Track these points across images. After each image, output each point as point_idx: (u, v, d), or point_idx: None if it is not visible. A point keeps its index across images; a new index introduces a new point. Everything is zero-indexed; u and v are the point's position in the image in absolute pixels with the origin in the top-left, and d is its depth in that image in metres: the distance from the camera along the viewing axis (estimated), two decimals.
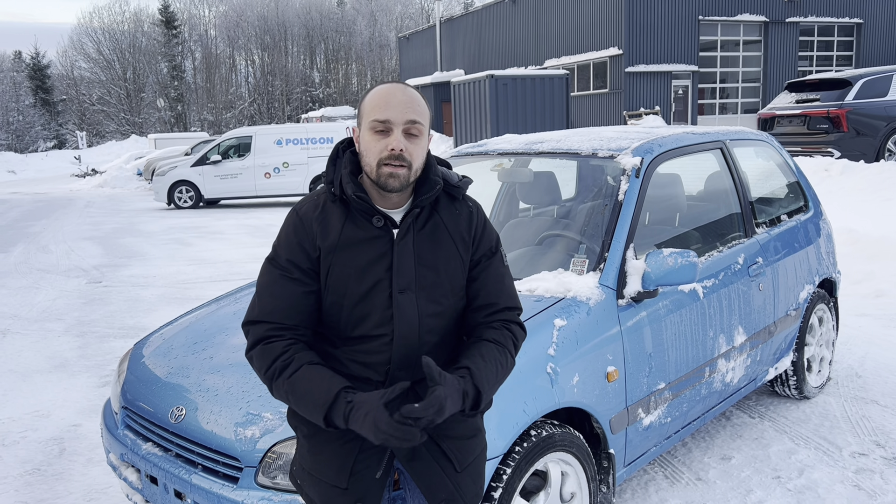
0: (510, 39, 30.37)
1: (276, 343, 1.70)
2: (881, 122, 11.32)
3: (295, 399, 1.66)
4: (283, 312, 1.72)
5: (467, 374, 1.67)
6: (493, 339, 1.76)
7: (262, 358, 1.70)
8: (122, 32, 55.74)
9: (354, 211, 1.73)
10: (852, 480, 3.21)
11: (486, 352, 1.73)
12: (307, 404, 1.64)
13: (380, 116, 1.67)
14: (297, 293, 1.73)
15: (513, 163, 3.70)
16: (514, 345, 1.80)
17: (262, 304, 1.74)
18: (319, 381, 1.64)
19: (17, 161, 37.81)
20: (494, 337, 1.77)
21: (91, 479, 3.47)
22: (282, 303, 1.72)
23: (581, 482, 2.55)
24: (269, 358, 1.69)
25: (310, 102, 58.69)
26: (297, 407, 1.67)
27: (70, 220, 14.83)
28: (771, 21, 25.98)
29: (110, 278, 8.51)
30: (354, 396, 1.61)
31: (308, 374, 1.65)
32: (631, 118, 22.80)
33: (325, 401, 1.61)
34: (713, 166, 3.78)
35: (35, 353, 5.57)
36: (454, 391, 1.61)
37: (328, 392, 1.61)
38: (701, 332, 3.10)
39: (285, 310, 1.72)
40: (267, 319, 1.73)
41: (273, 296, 1.73)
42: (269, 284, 1.75)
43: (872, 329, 5.33)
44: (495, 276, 1.82)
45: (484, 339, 1.76)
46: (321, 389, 1.62)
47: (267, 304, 1.73)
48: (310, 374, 1.65)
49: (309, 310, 1.74)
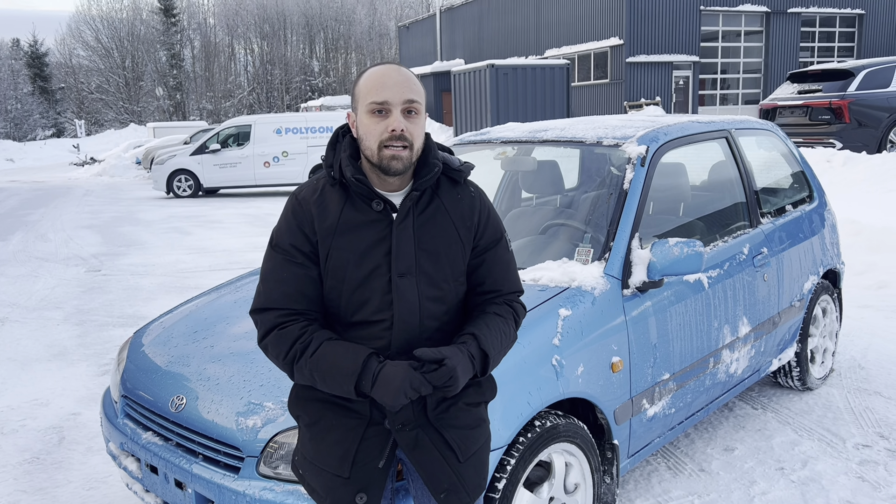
0: (511, 29, 30.24)
1: (291, 327, 1.69)
2: (883, 114, 11.29)
3: (321, 375, 1.65)
4: (291, 297, 1.70)
5: (471, 339, 1.69)
6: (495, 311, 1.79)
7: (278, 344, 1.68)
8: (121, 20, 55.43)
9: (353, 195, 1.71)
10: (856, 472, 3.20)
11: (489, 321, 1.75)
12: (334, 378, 1.63)
13: (377, 98, 1.65)
14: (301, 277, 1.71)
15: (516, 151, 3.66)
16: (514, 319, 1.82)
17: (269, 290, 1.72)
18: (344, 353, 1.64)
19: (16, 149, 37.71)
20: (496, 310, 1.79)
21: (90, 468, 3.45)
22: (289, 287, 1.71)
23: (585, 473, 2.53)
24: (287, 342, 1.68)
25: (309, 91, 58.48)
26: (323, 383, 1.66)
27: (69, 209, 14.79)
28: (772, 11, 25.87)
29: (109, 267, 8.48)
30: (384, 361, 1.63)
31: (331, 349, 1.65)
32: (632, 109, 22.74)
33: (354, 370, 1.61)
34: (718, 155, 3.75)
35: (34, 341, 5.55)
36: (460, 359, 1.63)
37: (355, 362, 1.62)
38: (706, 322, 3.07)
39: (293, 294, 1.71)
40: (276, 306, 1.71)
41: (279, 281, 1.71)
42: (273, 270, 1.73)
43: (875, 320, 5.31)
44: (501, 264, 1.82)
45: (486, 312, 1.78)
46: (348, 360, 1.62)
47: (273, 291, 1.71)
48: (332, 348, 1.65)
49: (315, 294, 1.73)
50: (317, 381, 1.67)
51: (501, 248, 1.83)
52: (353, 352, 1.64)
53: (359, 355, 1.63)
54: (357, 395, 1.64)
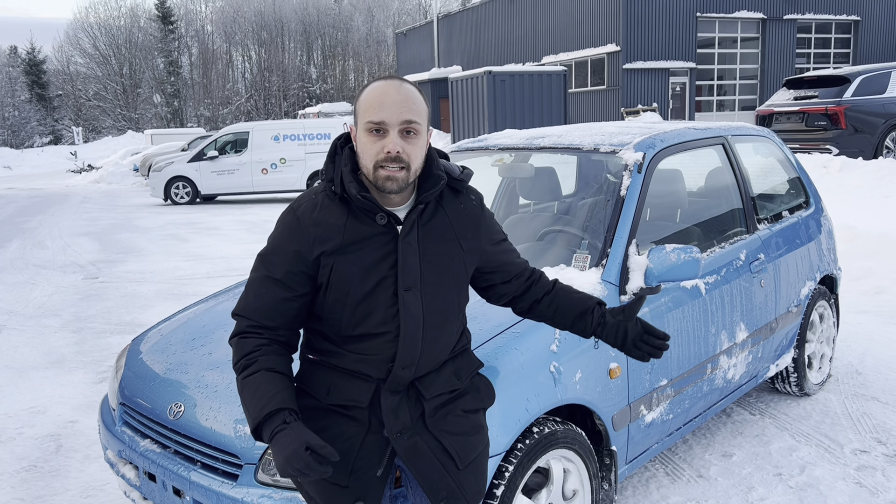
0: (508, 36, 30.31)
1: (249, 340, 1.71)
2: (879, 119, 11.33)
3: (241, 400, 1.67)
4: (263, 313, 1.72)
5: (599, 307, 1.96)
6: (558, 285, 1.99)
7: (234, 352, 1.73)
8: (119, 28, 55.52)
9: (356, 209, 1.70)
10: (854, 478, 3.20)
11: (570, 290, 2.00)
12: (246, 410, 1.65)
13: (374, 118, 1.63)
14: (279, 298, 1.71)
15: (513, 158, 3.67)
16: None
17: (247, 300, 1.75)
18: (262, 394, 1.62)
19: (13, 156, 37.69)
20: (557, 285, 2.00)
21: (88, 475, 3.44)
22: (263, 304, 1.72)
23: (583, 479, 2.53)
24: (238, 353, 1.71)
25: (307, 98, 58.56)
26: (243, 407, 1.68)
27: (66, 216, 14.77)
28: (769, 18, 25.95)
29: (107, 274, 8.47)
30: (291, 423, 1.58)
31: (258, 382, 1.64)
32: (628, 115, 22.78)
33: (257, 416, 1.60)
34: (715, 162, 3.76)
35: (31, 348, 5.54)
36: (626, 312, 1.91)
37: (261, 410, 1.60)
38: (703, 328, 3.08)
39: (265, 311, 1.72)
40: (247, 315, 1.74)
41: (256, 295, 1.74)
42: (255, 282, 1.75)
43: (872, 326, 5.32)
44: (513, 252, 1.94)
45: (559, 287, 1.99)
46: (259, 403, 1.61)
47: (251, 302, 1.74)
48: (260, 382, 1.64)
49: (291, 314, 1.73)
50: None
51: (506, 240, 1.95)
52: (269, 398, 1.61)
53: (269, 405, 1.60)
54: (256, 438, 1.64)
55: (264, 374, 1.66)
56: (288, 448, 1.53)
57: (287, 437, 1.55)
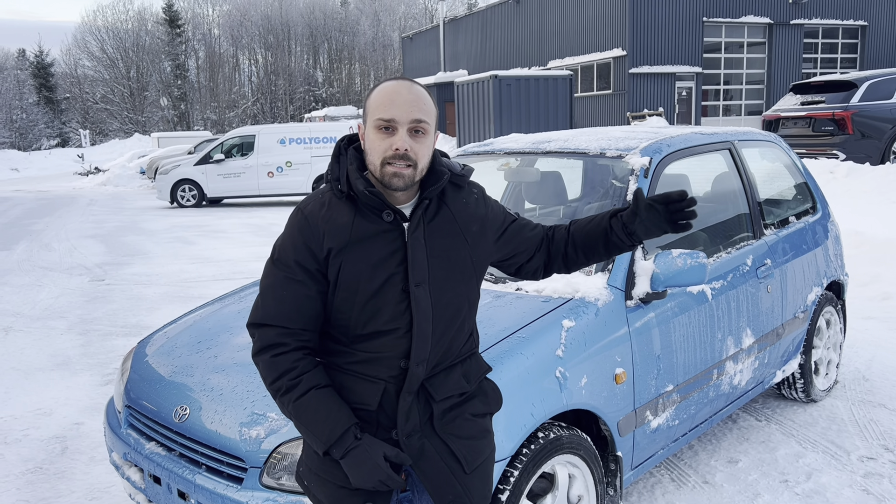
0: (514, 40, 30.33)
1: (281, 357, 1.69)
2: (886, 125, 11.29)
3: (297, 423, 1.69)
4: (289, 316, 1.70)
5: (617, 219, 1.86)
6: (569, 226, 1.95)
7: (268, 369, 1.70)
8: (126, 31, 55.79)
9: (363, 206, 1.71)
10: (861, 485, 3.18)
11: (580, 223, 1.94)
12: (309, 434, 1.68)
13: (384, 115, 1.65)
14: (301, 296, 1.70)
15: (519, 162, 3.67)
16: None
17: (267, 307, 1.72)
18: (326, 417, 1.65)
19: (21, 159, 37.85)
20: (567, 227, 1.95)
21: (93, 478, 3.45)
22: (287, 306, 1.70)
23: (588, 485, 2.52)
24: (275, 372, 1.68)
25: (313, 102, 58.73)
26: (298, 429, 1.70)
27: (73, 218, 14.83)
28: (775, 23, 25.92)
29: (113, 276, 8.50)
30: (363, 438, 1.67)
31: (315, 404, 1.66)
32: (634, 119, 22.76)
33: (328, 439, 1.65)
34: (721, 167, 3.76)
35: (37, 350, 5.56)
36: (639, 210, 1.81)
37: (332, 432, 1.65)
38: (709, 334, 3.07)
39: (290, 313, 1.70)
40: (272, 323, 1.70)
41: (278, 299, 1.71)
42: (273, 287, 1.72)
43: (879, 332, 5.29)
44: (526, 227, 1.94)
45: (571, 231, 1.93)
46: (327, 426, 1.65)
47: (271, 308, 1.71)
48: (317, 403, 1.67)
49: (314, 313, 1.72)
50: (293, 423, 1.72)
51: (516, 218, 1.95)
52: (333, 419, 1.65)
53: (337, 427, 1.65)
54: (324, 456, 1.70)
55: (315, 393, 1.67)
56: (368, 461, 1.63)
57: (363, 452, 1.64)
